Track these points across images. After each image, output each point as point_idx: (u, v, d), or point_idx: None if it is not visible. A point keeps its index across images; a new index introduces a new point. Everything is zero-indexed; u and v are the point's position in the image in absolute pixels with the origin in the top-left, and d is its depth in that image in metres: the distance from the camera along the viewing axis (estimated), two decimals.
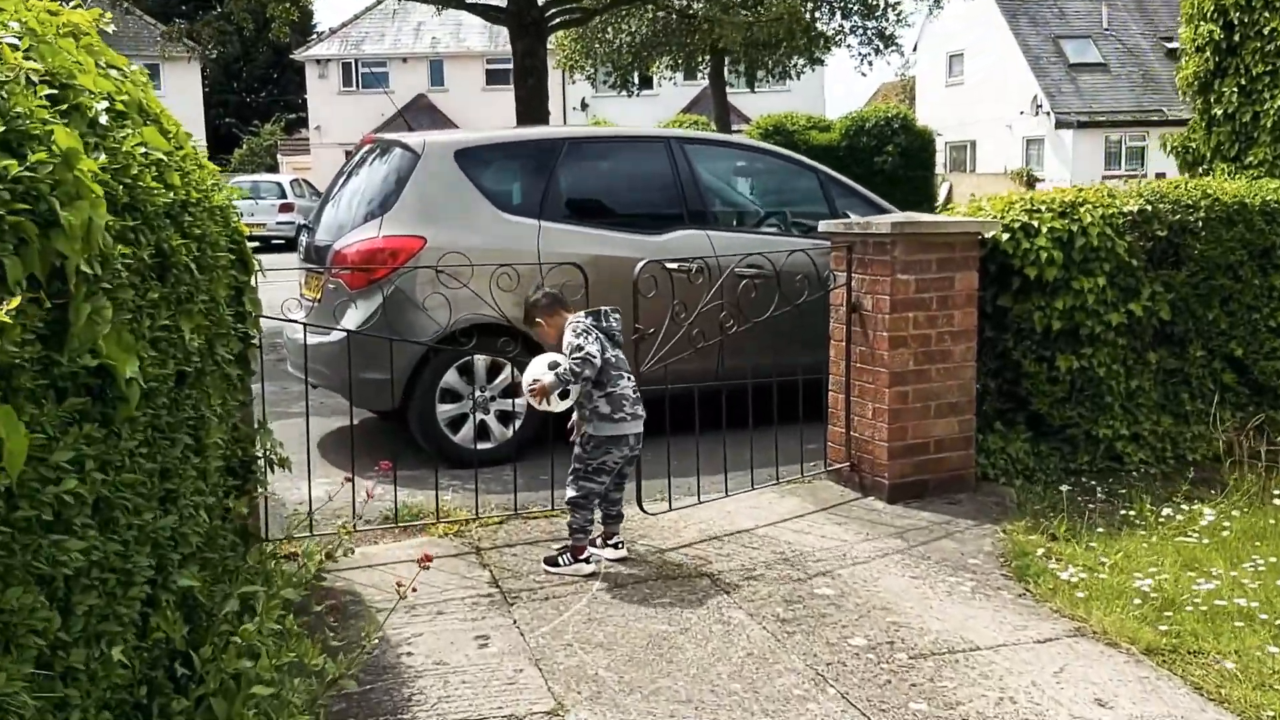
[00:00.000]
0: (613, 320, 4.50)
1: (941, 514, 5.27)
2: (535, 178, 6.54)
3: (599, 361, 4.35)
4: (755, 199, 7.53)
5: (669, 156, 6.77)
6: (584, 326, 4.42)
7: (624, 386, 4.44)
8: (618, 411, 4.42)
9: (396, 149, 6.57)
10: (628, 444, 4.48)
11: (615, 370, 4.44)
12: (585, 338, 4.36)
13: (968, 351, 5.55)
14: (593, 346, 4.34)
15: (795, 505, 5.42)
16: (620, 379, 4.44)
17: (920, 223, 5.29)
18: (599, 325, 4.44)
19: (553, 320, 4.57)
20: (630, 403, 4.45)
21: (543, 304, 4.61)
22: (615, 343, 4.49)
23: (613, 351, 4.45)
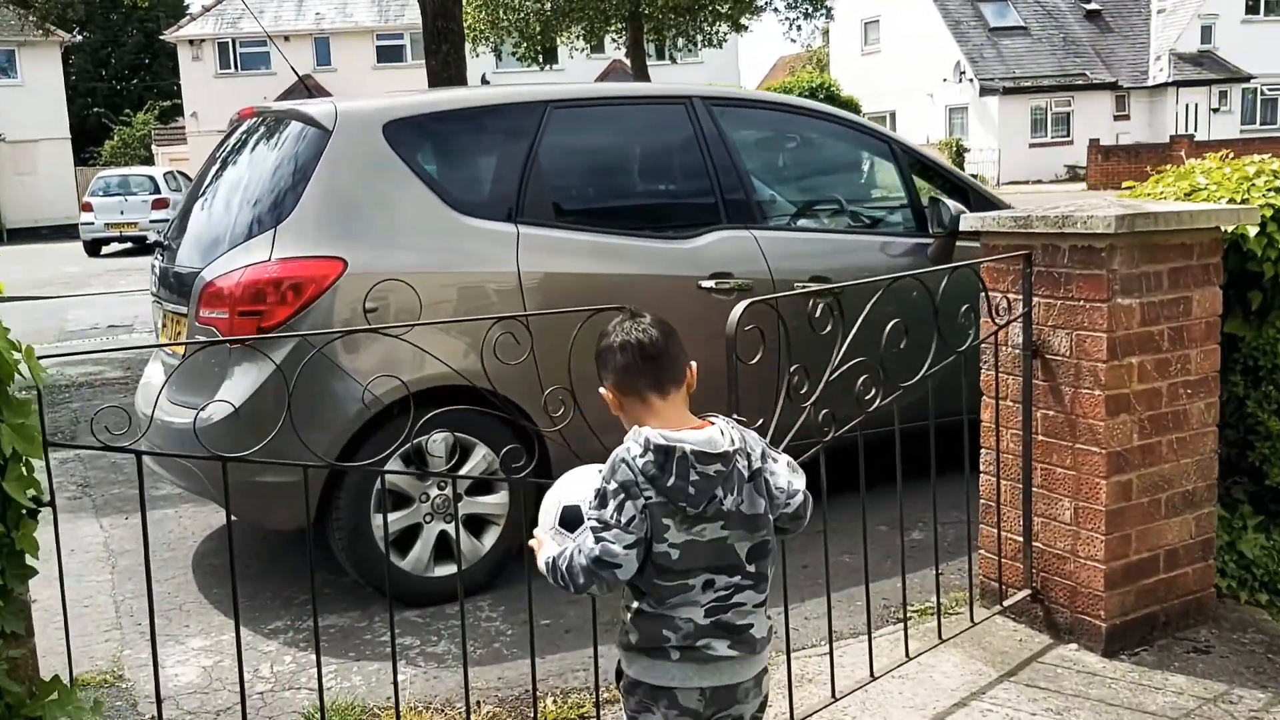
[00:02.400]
0: (698, 465, 2.06)
1: (1201, 677, 3.32)
2: (507, 161, 4.39)
3: (625, 565, 2.07)
4: (813, 183, 5.47)
5: (694, 124, 4.67)
6: (629, 469, 2.07)
7: (681, 604, 2.12)
8: (650, 643, 2.15)
9: (294, 124, 4.36)
10: (674, 713, 2.15)
11: (675, 574, 2.10)
12: (619, 500, 2.06)
13: (1208, 411, 3.61)
14: (620, 537, 2.05)
15: (962, 669, 3.42)
16: (682, 591, 2.11)
17: (1157, 214, 3.31)
18: (663, 479, 2.05)
19: (624, 399, 2.20)
20: (689, 633, 2.12)
21: (606, 355, 2.22)
22: (701, 508, 2.07)
23: (680, 532, 2.08)
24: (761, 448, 2.18)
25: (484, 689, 3.51)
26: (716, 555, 2.12)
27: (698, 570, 2.12)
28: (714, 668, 2.14)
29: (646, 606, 2.16)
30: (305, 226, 4.00)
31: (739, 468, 2.11)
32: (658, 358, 2.17)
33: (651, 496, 2.06)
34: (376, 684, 3.58)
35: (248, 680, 3.60)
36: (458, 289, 4.14)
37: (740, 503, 2.11)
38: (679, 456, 2.05)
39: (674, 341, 2.20)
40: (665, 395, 2.17)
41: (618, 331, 2.22)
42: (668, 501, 2.06)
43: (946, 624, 3.55)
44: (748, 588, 2.16)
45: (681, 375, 2.20)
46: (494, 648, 3.79)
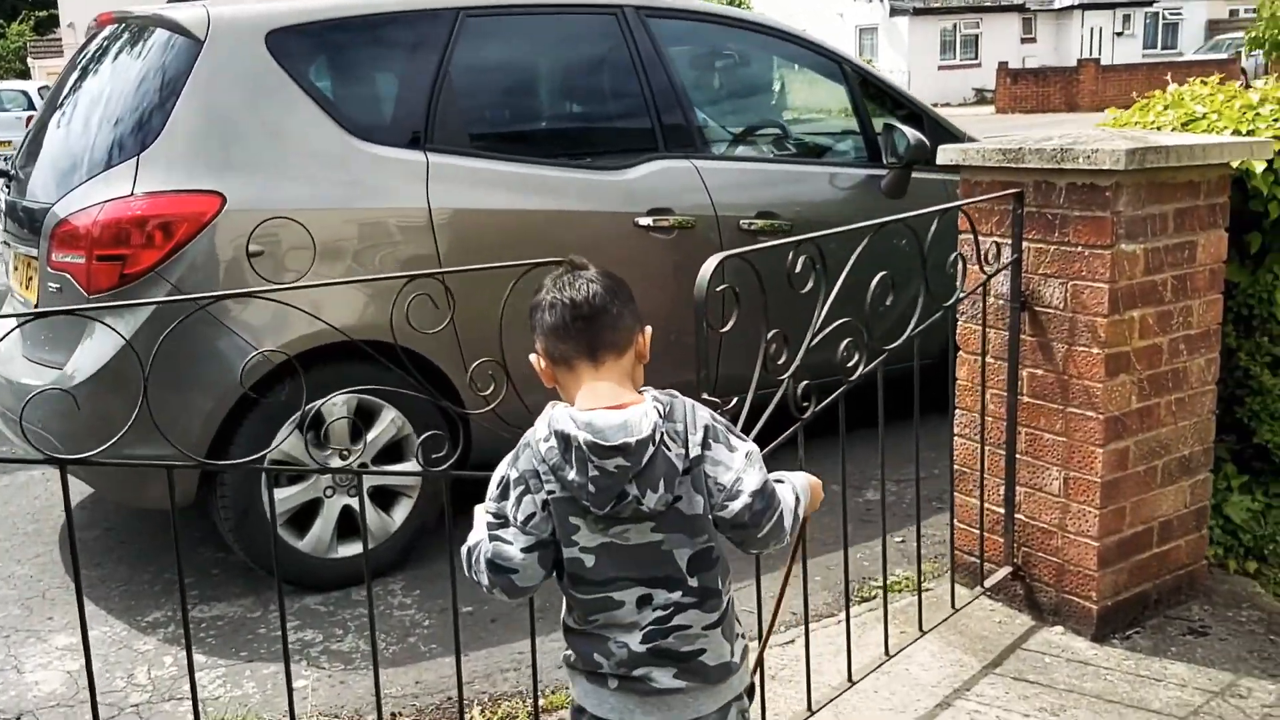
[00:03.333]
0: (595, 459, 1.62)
1: (1203, 664, 3.00)
2: (413, 78, 3.79)
3: (523, 571, 1.69)
4: (757, 106, 4.94)
5: (626, 37, 4.12)
6: (533, 456, 1.67)
7: (613, 628, 1.72)
8: (585, 665, 1.76)
9: (159, 32, 3.70)
10: None
11: (596, 588, 1.70)
12: (516, 492, 1.68)
13: (1208, 368, 3.25)
14: (517, 537, 1.68)
15: (940, 659, 3.05)
16: (607, 607, 1.70)
17: (1169, 148, 2.89)
18: (564, 466, 1.63)
19: (556, 369, 1.75)
20: (616, 656, 1.72)
21: (534, 313, 1.77)
22: (606, 508, 1.64)
23: (593, 533, 1.67)
24: (706, 431, 1.70)
25: (399, 695, 3.04)
26: (650, 564, 1.69)
27: (624, 582, 1.69)
28: (659, 701, 1.73)
29: (573, 623, 1.76)
30: (174, 154, 3.38)
31: (668, 457, 1.64)
32: (592, 318, 1.71)
33: (555, 491, 1.66)
34: (272, 690, 3.09)
35: (120, 689, 3.12)
36: (358, 228, 3.57)
37: (673, 500, 1.66)
38: (576, 446, 1.62)
39: (619, 302, 1.74)
40: (599, 364, 1.71)
41: (551, 287, 1.76)
42: (575, 498, 1.65)
43: (900, 599, 3.16)
44: (691, 606, 1.72)
45: (624, 342, 1.73)
46: (409, 643, 3.32)
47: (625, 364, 1.73)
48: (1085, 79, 30.53)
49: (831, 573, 3.61)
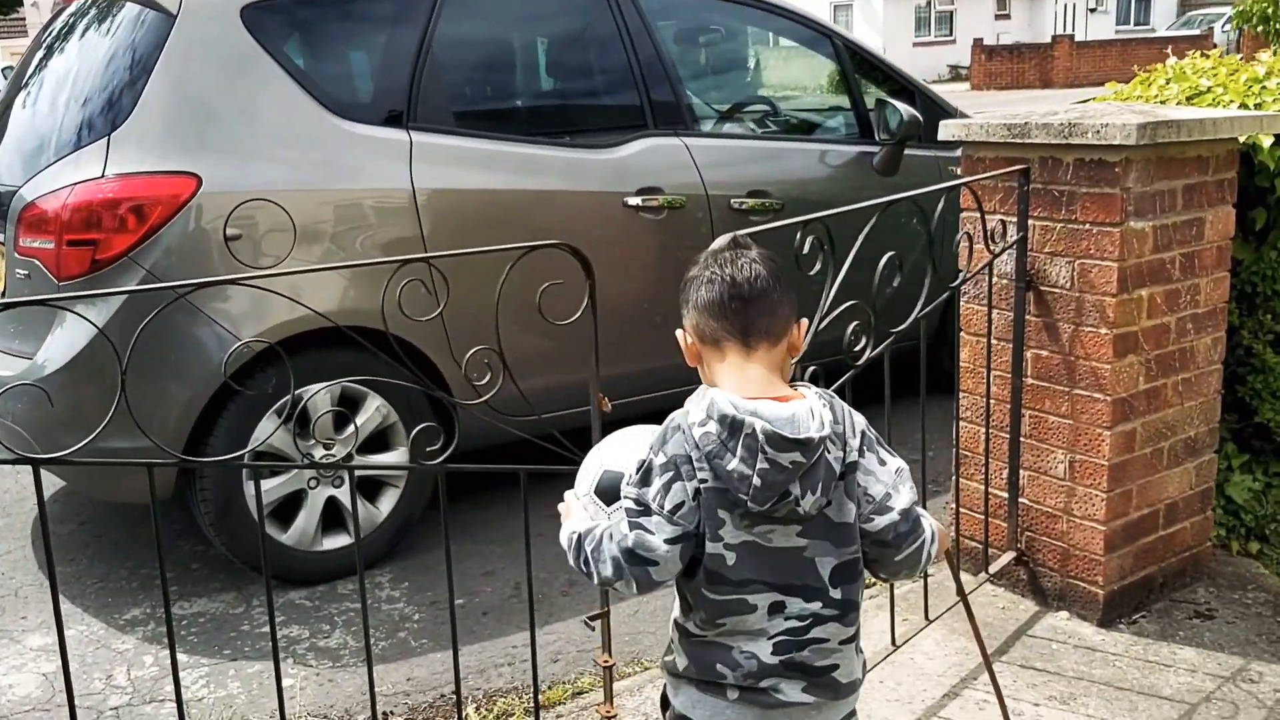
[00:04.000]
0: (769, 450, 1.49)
1: (1212, 649, 2.94)
2: (395, 53, 3.66)
3: (663, 562, 1.54)
4: (748, 82, 4.84)
5: (614, 11, 4.00)
6: (685, 440, 1.54)
7: (741, 629, 1.59)
8: (704, 674, 1.62)
9: (129, 6, 3.55)
10: None
11: (730, 585, 1.56)
12: (665, 478, 1.54)
13: (1214, 347, 3.19)
14: (661, 526, 1.53)
15: (945, 648, 2.98)
16: (740, 610, 1.57)
17: (1180, 122, 2.81)
18: (724, 454, 1.50)
19: (704, 349, 1.64)
20: (743, 668, 1.59)
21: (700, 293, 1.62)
22: (766, 505, 1.50)
23: (738, 530, 1.54)
24: (862, 438, 1.60)
25: (391, 694, 2.95)
26: (788, 570, 1.57)
27: (760, 586, 1.57)
28: (783, 713, 1.61)
29: (694, 627, 1.62)
30: (147, 134, 3.25)
31: (828, 460, 1.54)
32: (752, 300, 1.59)
33: (708, 480, 1.52)
34: (258, 690, 2.98)
35: (99, 691, 3.01)
36: (339, 209, 3.45)
37: (824, 505, 1.56)
38: (747, 434, 1.50)
39: (780, 288, 1.62)
40: (751, 350, 1.59)
41: (711, 262, 1.64)
42: (727, 489, 1.52)
43: (921, 594, 3.10)
44: (830, 619, 1.60)
45: (780, 330, 1.61)
46: (399, 638, 3.22)
47: (777, 354, 1.61)
48: (1060, 55, 30.53)
49: None
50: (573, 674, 2.97)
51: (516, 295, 2.32)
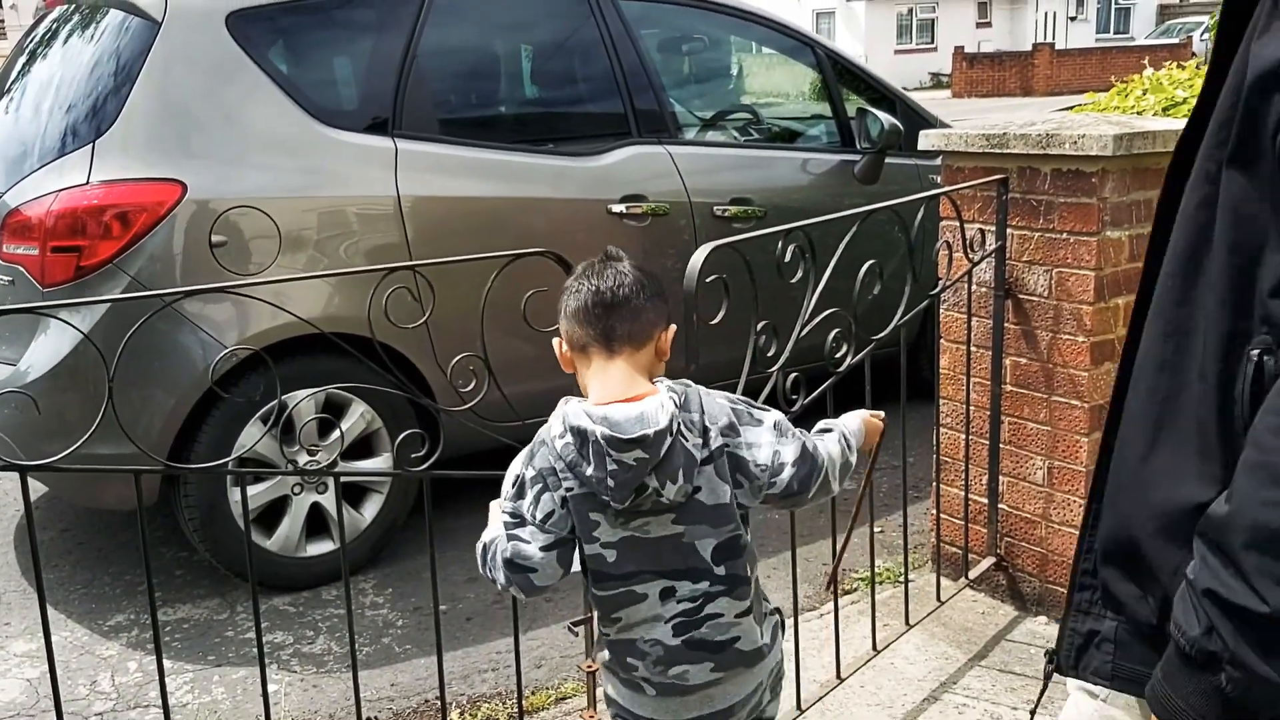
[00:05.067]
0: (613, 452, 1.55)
1: None
2: (380, 61, 3.68)
3: (542, 570, 1.64)
4: (730, 90, 4.87)
5: (598, 19, 4.03)
6: (549, 454, 1.62)
7: (637, 619, 1.67)
8: (623, 669, 1.71)
9: (113, 12, 3.56)
10: None
11: (614, 580, 1.65)
12: (533, 491, 1.63)
13: None
14: (535, 535, 1.63)
15: (925, 652, 3.01)
16: (630, 600, 1.65)
17: (1153, 133, 2.85)
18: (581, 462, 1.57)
19: (575, 356, 1.70)
20: (658, 659, 1.67)
21: (569, 301, 1.70)
22: (626, 501, 1.57)
23: (614, 528, 1.62)
24: (728, 418, 1.65)
25: (375, 699, 2.96)
26: (671, 556, 1.64)
27: (645, 575, 1.65)
28: (699, 697, 1.70)
29: (603, 627, 1.71)
30: (131, 141, 3.25)
31: (685, 448, 1.59)
32: (615, 307, 1.66)
33: (573, 488, 1.61)
34: (243, 696, 2.99)
35: (84, 697, 3.01)
36: (324, 216, 3.46)
37: (692, 491, 1.61)
38: (592, 441, 1.56)
39: (644, 295, 1.68)
40: (613, 354, 1.66)
41: (580, 272, 1.72)
42: (593, 493, 1.60)
43: (883, 592, 3.13)
44: (720, 594, 1.67)
45: (642, 335, 1.67)
46: (383, 644, 3.23)
47: (642, 358, 1.67)
48: (1040, 63, 30.72)
49: (810, 565, 3.58)
50: (556, 679, 2.98)
51: (501, 301, 2.34)
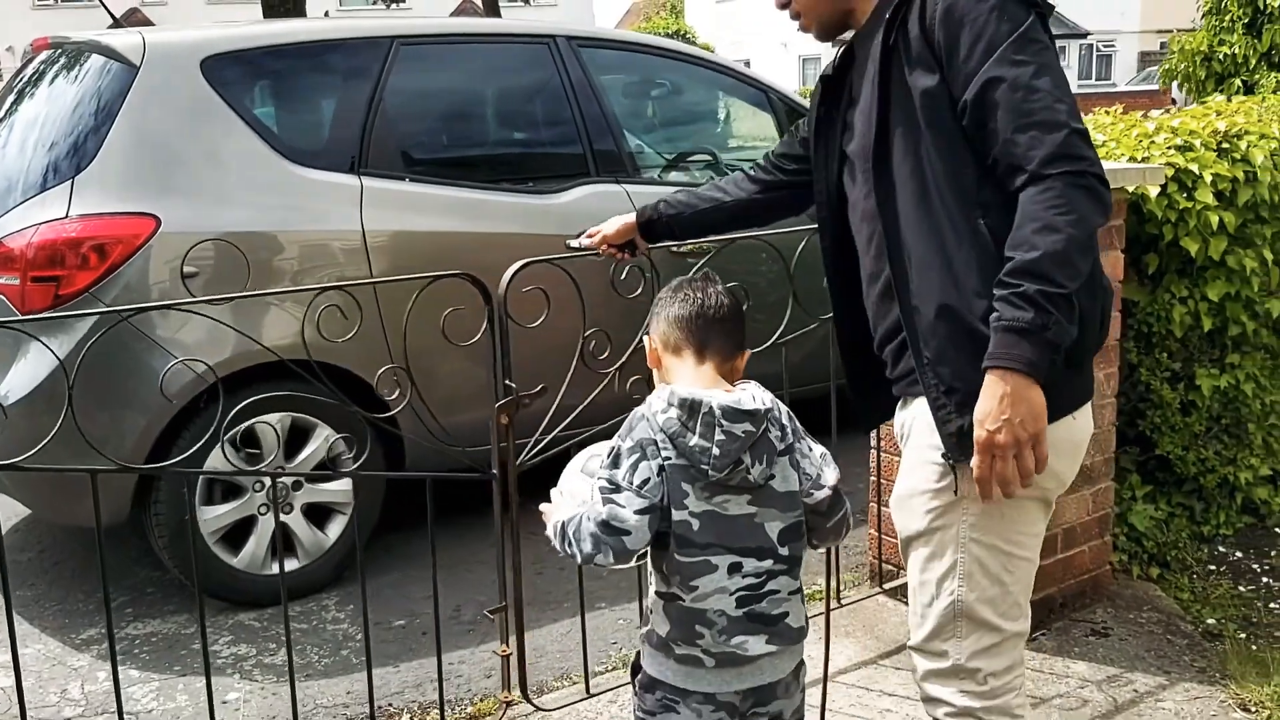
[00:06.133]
0: (724, 422, 1.79)
1: (1103, 663, 3.15)
2: (348, 104, 3.88)
3: (636, 532, 1.79)
4: (687, 133, 5.09)
5: (558, 66, 4.25)
6: (649, 425, 1.82)
7: (709, 588, 1.83)
8: (685, 641, 1.86)
9: (95, 58, 3.77)
10: (706, 709, 1.86)
11: (698, 551, 1.83)
12: (633, 459, 1.81)
13: (1108, 382, 3.42)
14: (631, 500, 1.78)
15: (850, 651, 3.18)
16: (705, 570, 1.82)
17: None
18: (685, 433, 1.79)
19: (665, 355, 1.97)
20: (722, 628, 1.83)
21: (673, 307, 1.96)
22: (723, 471, 1.80)
23: (699, 500, 1.81)
24: (795, 425, 1.92)
25: (331, 705, 3.11)
26: (744, 534, 1.85)
27: (720, 548, 1.84)
28: (752, 668, 1.88)
29: (677, 590, 1.86)
30: (109, 178, 3.45)
31: (771, 436, 1.84)
32: (717, 321, 1.95)
33: (670, 457, 1.81)
34: (205, 703, 3.12)
35: (54, 704, 3.15)
36: (293, 250, 3.65)
37: (770, 476, 1.85)
38: (705, 411, 1.80)
39: (739, 318, 1.99)
40: (703, 361, 1.92)
41: (688, 284, 1.99)
42: (689, 465, 1.81)
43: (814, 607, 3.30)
44: (781, 573, 1.88)
45: (731, 352, 1.95)
46: (342, 655, 3.38)
47: (724, 371, 1.93)
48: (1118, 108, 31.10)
49: None
50: (504, 689, 3.13)
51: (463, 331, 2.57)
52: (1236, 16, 5.88)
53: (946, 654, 1.93)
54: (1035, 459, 1.74)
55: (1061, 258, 1.69)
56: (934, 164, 1.82)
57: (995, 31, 1.75)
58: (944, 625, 1.93)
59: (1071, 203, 1.70)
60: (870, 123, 1.89)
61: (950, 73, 1.79)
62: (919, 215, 1.85)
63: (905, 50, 1.83)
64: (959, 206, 1.81)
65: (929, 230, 1.83)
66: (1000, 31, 1.75)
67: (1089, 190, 1.72)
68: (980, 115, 1.76)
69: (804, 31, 2.10)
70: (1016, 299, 1.69)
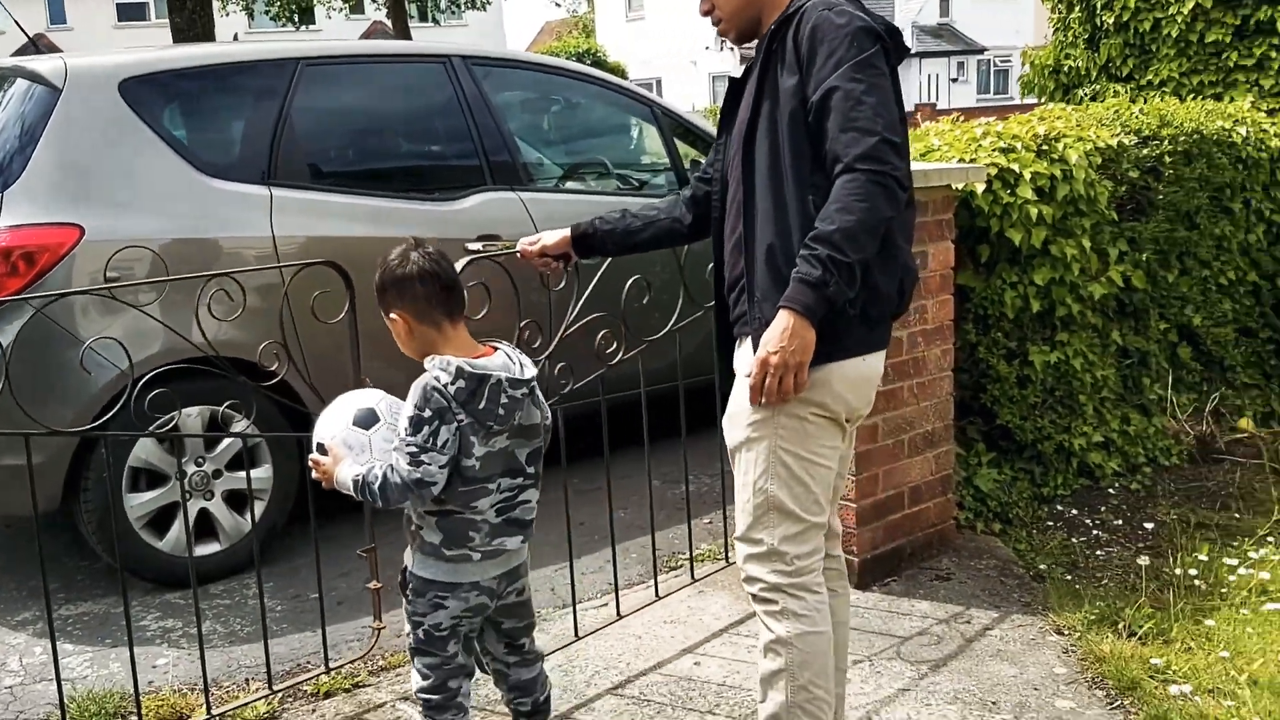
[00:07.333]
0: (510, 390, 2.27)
1: (943, 601, 3.59)
2: (257, 121, 4.20)
3: (441, 482, 2.25)
4: (578, 145, 5.48)
5: (454, 84, 4.61)
6: (443, 396, 2.21)
7: (483, 506, 2.32)
8: (457, 544, 2.34)
9: (19, 82, 4.04)
10: (474, 594, 2.37)
11: (477, 481, 2.30)
12: (434, 426, 2.21)
13: (944, 357, 3.88)
14: (435, 459, 2.22)
15: (730, 609, 3.57)
16: (482, 494, 2.31)
17: None
18: (474, 403, 2.23)
19: (418, 327, 2.31)
20: (487, 532, 2.34)
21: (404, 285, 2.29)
22: (505, 426, 2.29)
23: (482, 446, 2.27)
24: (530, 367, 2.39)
25: (252, 666, 3.42)
26: (505, 461, 2.34)
27: (494, 476, 2.33)
28: (506, 557, 2.41)
29: (455, 508, 2.32)
30: (36, 191, 3.72)
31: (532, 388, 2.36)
32: (453, 287, 2.33)
33: (464, 420, 2.24)
34: (138, 671, 3.41)
35: None
36: (208, 255, 3.95)
37: (523, 417, 2.34)
38: (492, 384, 2.25)
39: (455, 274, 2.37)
40: (456, 324, 2.33)
41: (412, 262, 2.29)
42: (475, 422, 2.25)
43: (703, 568, 3.71)
44: (530, 487, 2.42)
45: (464, 304, 2.37)
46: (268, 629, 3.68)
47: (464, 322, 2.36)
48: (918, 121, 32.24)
49: (633, 554, 4.12)
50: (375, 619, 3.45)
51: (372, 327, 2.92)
52: (1078, 33, 6.48)
53: (762, 541, 2.36)
54: (796, 383, 2.20)
55: (850, 234, 2.14)
56: (785, 148, 2.27)
57: (845, 52, 2.19)
58: (760, 517, 2.36)
59: (869, 195, 2.15)
60: (747, 108, 2.34)
61: (806, 77, 2.23)
62: (769, 186, 2.30)
63: (781, 55, 2.29)
64: (795, 185, 2.26)
65: (774, 200, 2.29)
66: (848, 53, 2.19)
67: (885, 188, 2.16)
68: (820, 115, 2.21)
69: (723, 36, 2.54)
70: (811, 258, 2.15)
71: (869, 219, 2.15)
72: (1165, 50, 5.95)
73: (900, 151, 2.20)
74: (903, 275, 2.35)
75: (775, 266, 2.26)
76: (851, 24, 2.20)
